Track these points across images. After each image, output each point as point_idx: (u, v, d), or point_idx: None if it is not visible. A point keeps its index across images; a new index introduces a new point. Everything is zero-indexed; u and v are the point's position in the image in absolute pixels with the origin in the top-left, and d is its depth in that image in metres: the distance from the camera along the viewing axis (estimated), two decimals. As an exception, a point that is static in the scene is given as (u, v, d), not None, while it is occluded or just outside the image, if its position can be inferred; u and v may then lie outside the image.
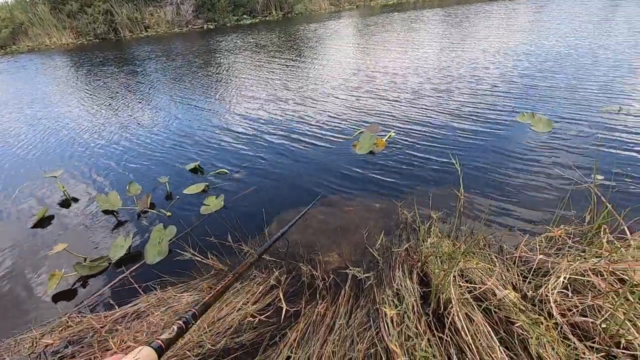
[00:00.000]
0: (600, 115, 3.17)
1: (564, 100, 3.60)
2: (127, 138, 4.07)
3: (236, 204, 2.54)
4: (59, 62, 10.65)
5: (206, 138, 3.78)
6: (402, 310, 1.45)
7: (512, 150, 2.79)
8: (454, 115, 3.55)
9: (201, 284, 1.80)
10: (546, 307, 1.33)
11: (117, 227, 2.46)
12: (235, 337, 1.51)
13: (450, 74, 4.93)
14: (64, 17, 15.68)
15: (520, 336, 1.27)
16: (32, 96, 6.83)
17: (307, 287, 1.72)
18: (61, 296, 1.92)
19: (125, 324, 1.60)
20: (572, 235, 1.59)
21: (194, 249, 2.00)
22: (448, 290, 1.40)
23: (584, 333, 1.26)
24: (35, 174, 3.42)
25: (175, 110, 4.88)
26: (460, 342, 1.31)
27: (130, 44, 13.16)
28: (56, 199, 2.93)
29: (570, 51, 5.38)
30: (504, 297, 1.38)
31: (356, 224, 2.16)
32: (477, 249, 1.63)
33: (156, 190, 2.86)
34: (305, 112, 4.14)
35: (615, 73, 4.21)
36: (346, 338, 1.44)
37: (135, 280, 1.85)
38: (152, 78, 7.00)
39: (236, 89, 5.58)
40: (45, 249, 2.28)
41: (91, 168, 3.41)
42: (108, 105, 5.53)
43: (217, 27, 15.69)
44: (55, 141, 4.28)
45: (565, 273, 1.32)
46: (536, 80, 4.30)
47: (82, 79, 7.74)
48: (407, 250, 1.78)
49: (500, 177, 2.46)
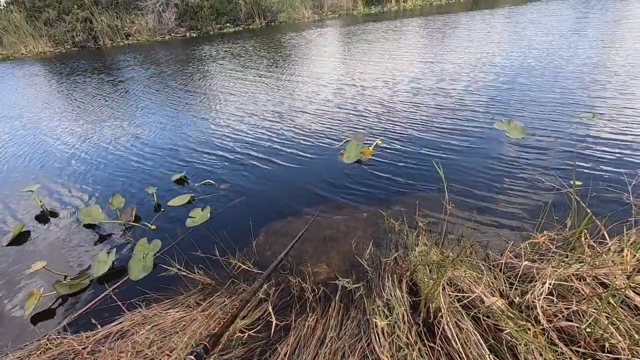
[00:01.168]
0: (576, 122, 3.29)
1: (541, 108, 3.72)
2: (108, 149, 3.97)
3: (223, 216, 2.50)
4: (35, 71, 10.35)
5: (191, 148, 3.73)
6: (392, 320, 1.45)
7: (494, 157, 2.85)
8: (437, 123, 3.62)
9: (188, 299, 1.76)
10: (533, 313, 1.35)
11: (99, 242, 2.38)
12: (225, 354, 1.48)
13: (432, 83, 5.03)
14: (40, 25, 15.29)
15: (509, 343, 1.29)
16: (4, 107, 6.59)
17: (296, 300, 1.70)
18: (40, 317, 1.84)
19: (109, 344, 1.55)
20: (555, 241, 1.64)
21: (180, 263, 1.96)
22: (437, 299, 1.41)
23: (570, 338, 1.28)
24: (9, 189, 3.29)
25: (158, 120, 4.81)
26: (451, 351, 1.32)
27: (110, 52, 12.93)
28: (33, 214, 2.82)
29: (546, 60, 5.58)
30: (492, 304, 1.40)
31: (344, 234, 2.16)
32: (464, 257, 1.65)
33: (140, 202, 2.79)
34: (291, 122, 4.14)
35: (588, 81, 4.38)
36: (337, 351, 1.43)
37: (118, 298, 1.79)
38: (132, 88, 6.88)
39: (220, 98, 5.54)
40: (22, 267, 2.19)
41: (70, 181, 3.31)
42: (87, 116, 5.39)
43: (199, 35, 15.61)
44: (31, 154, 4.13)
45: (550, 279, 1.35)
46: (514, 89, 4.43)
47: (59, 89, 7.53)
48: (395, 259, 1.79)
49: (484, 183, 2.51)
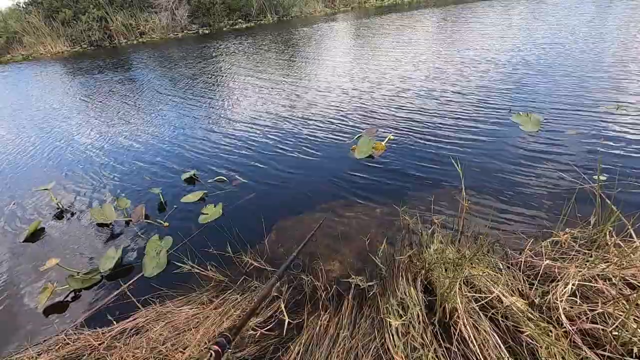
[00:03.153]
0: (599, 114, 3.16)
1: (563, 99, 3.59)
2: (122, 148, 4.03)
3: (235, 212, 2.50)
4: (53, 70, 10.59)
5: (204, 145, 3.74)
6: (407, 320, 1.41)
7: (512, 151, 2.76)
8: (452, 117, 3.53)
9: (201, 296, 1.76)
10: (554, 315, 1.30)
11: (111, 240, 2.42)
12: (237, 351, 1.47)
13: (447, 75, 4.91)
14: (58, 25, 15.62)
15: (529, 345, 1.24)
16: (23, 106, 6.77)
17: (308, 298, 1.68)
18: (57, 312, 1.88)
19: (124, 340, 1.56)
20: (578, 239, 1.57)
21: (193, 260, 1.96)
22: (454, 299, 1.36)
23: (594, 341, 1.22)
24: (27, 187, 3.37)
25: (171, 117, 4.85)
26: (468, 352, 1.27)
27: (125, 50, 13.12)
28: (49, 211, 2.88)
29: (565, 50, 5.38)
30: (511, 304, 1.35)
31: (357, 231, 2.12)
32: (481, 255, 1.60)
33: (153, 200, 2.81)
34: (302, 118, 4.11)
35: (613, 71, 4.20)
36: (351, 350, 1.41)
37: (133, 294, 1.81)
38: (147, 86, 6.96)
39: (231, 94, 5.55)
40: (38, 263, 2.24)
41: (85, 180, 3.37)
42: (101, 114, 5.49)
43: (212, 32, 15.67)
44: (47, 152, 4.23)
45: (574, 279, 1.29)
46: (534, 80, 4.29)
47: (75, 88, 7.68)
48: (410, 257, 1.75)
49: (501, 178, 2.43)
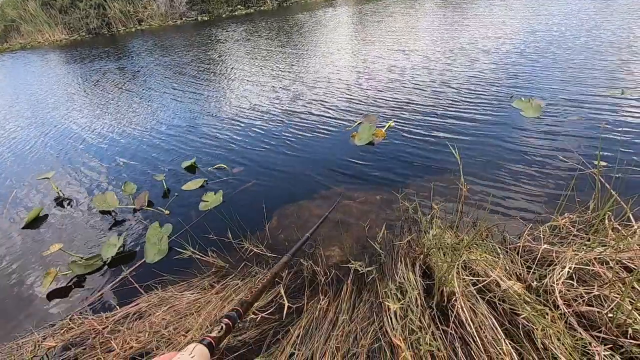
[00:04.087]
0: (602, 99, 3.12)
1: (565, 84, 3.55)
2: (122, 136, 4.03)
3: (235, 199, 2.52)
4: (51, 59, 10.51)
5: (204, 133, 3.73)
6: (405, 303, 1.43)
7: (512, 136, 2.75)
8: (452, 103, 3.50)
9: (202, 282, 1.79)
10: (551, 298, 1.31)
11: (114, 227, 2.44)
12: (238, 335, 1.50)
13: (449, 62, 4.85)
14: (55, 13, 15.43)
15: (526, 327, 1.26)
16: (22, 96, 6.75)
17: (308, 283, 1.70)
18: (61, 297, 1.91)
19: (127, 324, 1.59)
20: (577, 224, 1.57)
21: (194, 246, 1.98)
22: (452, 283, 1.38)
23: (590, 323, 1.24)
24: (28, 176, 3.39)
25: (171, 106, 4.83)
26: (465, 334, 1.29)
27: (124, 38, 12.98)
28: (51, 200, 2.90)
29: (568, 34, 5.29)
30: (508, 288, 1.37)
31: (357, 217, 2.14)
32: (479, 240, 1.61)
33: (153, 188, 2.83)
34: (302, 105, 4.08)
35: (616, 56, 4.13)
36: (349, 333, 1.43)
37: (135, 280, 1.84)
38: (146, 74, 6.91)
39: (231, 82, 5.51)
40: (41, 249, 2.26)
41: (85, 168, 3.38)
42: (100, 103, 5.47)
43: (211, 18, 15.45)
44: (47, 141, 4.23)
45: (571, 263, 1.30)
46: (536, 65, 4.23)
47: (74, 77, 7.63)
48: (409, 242, 1.76)
49: (501, 164, 2.43)
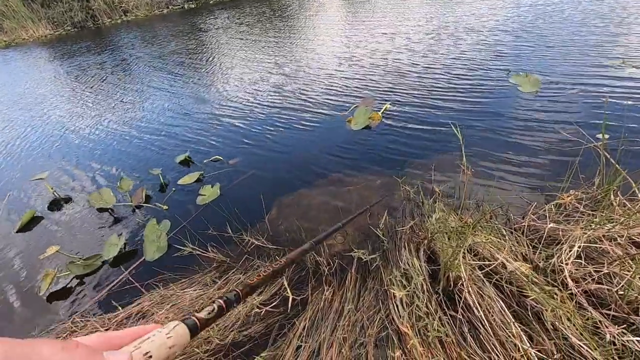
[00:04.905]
0: (603, 71, 3.05)
1: (564, 57, 3.46)
2: (114, 132, 3.93)
3: (233, 192, 2.47)
4: (37, 56, 10.24)
5: (197, 125, 3.65)
6: (411, 290, 1.41)
7: (512, 114, 2.69)
8: (450, 81, 3.42)
9: (204, 278, 1.76)
10: (559, 278, 1.29)
11: (112, 225, 2.40)
12: (244, 330, 1.48)
13: (443, 39, 4.74)
14: (37, 7, 14.97)
15: (534, 309, 1.24)
16: (9, 96, 6.57)
17: (312, 274, 1.68)
18: (61, 299, 1.88)
19: (130, 324, 1.57)
20: (583, 201, 1.54)
21: (194, 242, 1.95)
22: (457, 268, 1.35)
23: (599, 301, 1.22)
24: (21, 178, 3.32)
25: (161, 98, 4.71)
26: (473, 319, 1.28)
27: (110, 31, 12.64)
28: (46, 200, 2.85)
29: (564, 7, 5.16)
30: (515, 269, 1.34)
31: (357, 204, 2.10)
32: (484, 222, 1.58)
33: (150, 183, 2.77)
34: (295, 90, 3.99)
35: (614, 27, 4.03)
36: (356, 323, 1.41)
37: (136, 279, 1.81)
38: (132, 67, 6.73)
39: (222, 71, 5.37)
40: (37, 252, 2.22)
41: (78, 167, 3.31)
42: (89, 100, 5.33)
43: (198, 5, 15.02)
44: (39, 142, 4.13)
45: (579, 242, 1.27)
46: (533, 40, 4.13)
47: (61, 74, 7.44)
48: (412, 227, 1.73)
49: (502, 142, 2.38)
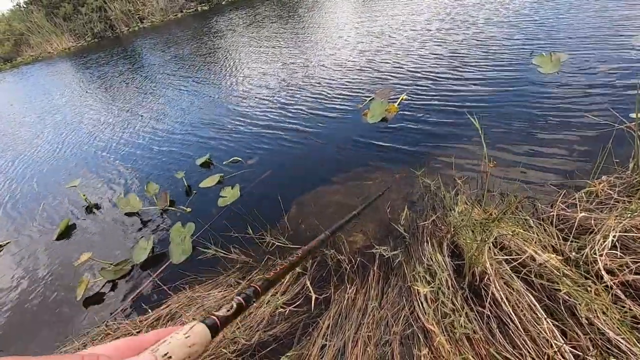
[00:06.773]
0: (632, 46, 2.86)
1: (590, 35, 3.27)
2: (137, 137, 4.06)
3: (253, 192, 2.49)
4: (63, 68, 10.69)
5: (215, 127, 3.71)
6: (435, 286, 1.38)
7: (535, 97, 2.56)
8: (467, 66, 3.30)
9: (228, 279, 1.79)
10: (593, 269, 1.23)
11: (140, 229, 2.48)
12: (269, 329, 1.50)
13: (459, 23, 4.57)
14: (60, 21, 15.59)
15: (567, 303, 1.18)
16: (40, 107, 6.91)
17: (333, 272, 1.67)
18: (96, 304, 1.97)
19: (160, 326, 1.62)
20: (616, 187, 1.45)
21: (217, 244, 1.99)
22: (483, 262, 1.31)
23: (638, 293, 1.15)
24: (54, 186, 3.49)
25: (180, 102, 4.81)
26: (502, 315, 1.23)
27: (128, 38, 13.01)
28: (79, 207, 2.98)
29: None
30: (544, 262, 1.29)
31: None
32: (510, 214, 1.52)
33: (174, 187, 2.84)
34: (310, 87, 3.97)
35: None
36: (380, 320, 1.40)
37: (163, 282, 1.87)
38: (152, 72, 6.91)
39: (237, 70, 5.42)
40: (72, 259, 2.33)
41: (106, 173, 3.44)
42: (114, 107, 5.52)
43: (211, 8, 15.21)
44: (69, 150, 4.34)
45: (614, 231, 1.20)
46: (556, 18, 3.92)
47: (85, 83, 7.74)
48: (434, 222, 1.69)
49: (527, 128, 2.28)
